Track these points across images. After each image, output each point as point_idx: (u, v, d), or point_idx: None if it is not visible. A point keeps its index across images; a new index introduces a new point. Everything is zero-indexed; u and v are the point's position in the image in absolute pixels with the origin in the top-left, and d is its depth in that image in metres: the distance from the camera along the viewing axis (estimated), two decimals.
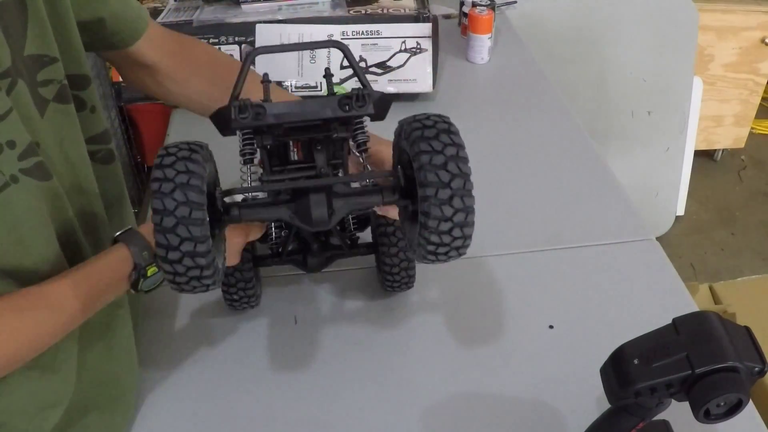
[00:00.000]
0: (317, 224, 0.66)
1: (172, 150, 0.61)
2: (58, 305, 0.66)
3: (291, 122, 0.66)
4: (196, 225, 0.58)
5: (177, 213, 0.58)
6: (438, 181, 0.60)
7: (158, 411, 0.88)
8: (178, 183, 0.58)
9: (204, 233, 0.59)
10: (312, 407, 0.88)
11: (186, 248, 0.59)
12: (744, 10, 2.49)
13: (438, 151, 0.61)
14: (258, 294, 0.98)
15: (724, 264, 2.52)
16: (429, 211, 0.61)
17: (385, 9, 1.46)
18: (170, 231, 0.58)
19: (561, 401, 0.87)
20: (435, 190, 0.60)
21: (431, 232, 0.62)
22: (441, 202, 0.60)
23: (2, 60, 0.63)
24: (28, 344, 0.65)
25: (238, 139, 0.73)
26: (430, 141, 0.61)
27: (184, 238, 0.58)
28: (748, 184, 2.88)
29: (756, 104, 2.73)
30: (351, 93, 0.65)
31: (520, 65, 1.63)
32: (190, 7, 1.48)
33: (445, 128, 0.63)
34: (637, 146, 2.35)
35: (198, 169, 0.60)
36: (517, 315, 0.99)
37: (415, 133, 0.63)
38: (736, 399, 0.61)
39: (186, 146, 0.62)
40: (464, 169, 0.61)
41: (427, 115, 0.65)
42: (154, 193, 0.59)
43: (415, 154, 0.62)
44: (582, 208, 1.20)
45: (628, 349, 0.66)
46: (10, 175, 0.63)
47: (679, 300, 1.02)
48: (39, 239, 0.67)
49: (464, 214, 0.61)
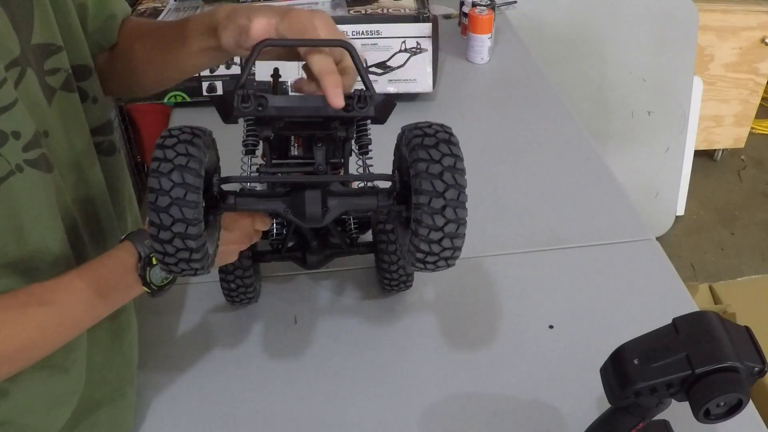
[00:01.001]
0: (310, 220, 0.67)
1: (175, 132, 0.62)
2: (63, 302, 0.66)
3: (292, 116, 0.67)
4: (190, 207, 0.59)
5: (172, 193, 0.58)
6: (432, 190, 0.61)
7: (157, 410, 0.88)
8: (176, 164, 0.59)
9: (197, 216, 0.60)
10: (312, 407, 0.88)
11: (177, 229, 0.59)
12: (744, 10, 2.49)
13: (435, 161, 0.61)
14: (257, 289, 0.98)
15: (724, 264, 2.52)
16: (421, 219, 0.61)
17: (385, 9, 1.46)
18: (163, 210, 0.59)
19: (561, 401, 0.87)
20: (429, 199, 0.61)
21: (421, 240, 0.62)
22: (433, 211, 0.61)
23: (12, 49, 0.63)
24: (32, 343, 0.64)
25: (242, 130, 0.74)
26: (429, 149, 0.62)
27: (176, 219, 0.59)
28: (748, 184, 2.88)
29: (756, 104, 2.73)
30: (353, 93, 0.65)
31: (520, 65, 1.63)
32: (190, 7, 1.48)
33: (446, 138, 0.63)
34: (637, 146, 2.35)
35: (198, 153, 0.60)
36: (517, 315, 1.00)
37: (415, 140, 0.63)
38: (736, 399, 0.61)
39: (189, 130, 0.62)
40: (460, 181, 0.61)
41: (429, 124, 0.65)
42: (152, 172, 0.59)
43: (413, 162, 0.62)
44: (582, 208, 1.20)
45: (628, 349, 0.66)
46: (15, 164, 0.62)
47: (679, 300, 1.02)
48: (42, 231, 0.66)
49: (455, 225, 0.62)
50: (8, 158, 0.62)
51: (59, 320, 0.66)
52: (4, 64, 0.62)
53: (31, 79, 0.66)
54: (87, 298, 0.67)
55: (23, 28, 0.66)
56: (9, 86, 0.61)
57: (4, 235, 0.64)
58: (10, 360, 0.63)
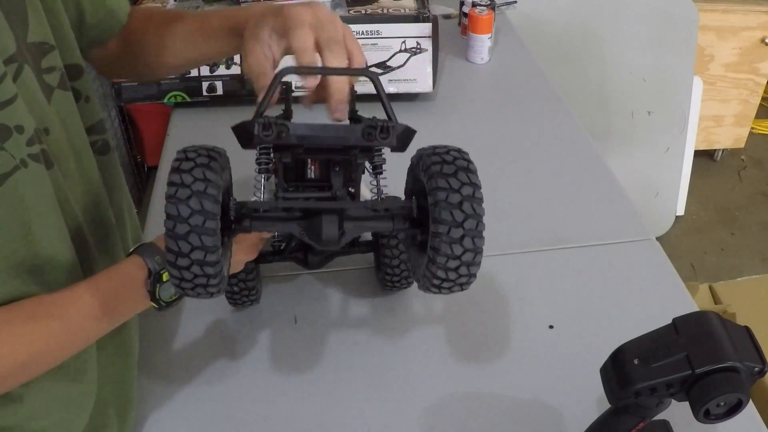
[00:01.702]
0: (326, 244, 0.66)
1: (191, 155, 0.60)
2: (70, 315, 0.66)
3: (313, 145, 0.67)
4: (209, 235, 0.58)
5: (191, 221, 0.58)
6: (452, 219, 0.61)
7: (157, 410, 0.88)
8: (194, 190, 0.58)
9: (215, 243, 0.59)
10: (312, 407, 0.88)
11: (196, 256, 0.58)
12: (744, 10, 2.49)
13: (455, 190, 0.61)
14: (258, 289, 0.98)
15: (724, 264, 2.52)
16: (439, 247, 0.61)
17: (385, 9, 1.46)
18: (182, 238, 0.58)
19: (561, 401, 0.87)
20: (448, 228, 0.61)
21: (439, 267, 0.62)
22: (452, 240, 0.61)
23: (8, 45, 0.63)
24: (40, 355, 0.64)
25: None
26: (448, 178, 0.62)
27: (195, 247, 0.58)
28: (748, 184, 2.88)
29: (756, 104, 2.73)
30: (375, 123, 0.64)
31: (520, 65, 1.63)
32: (190, 7, 1.48)
33: (464, 166, 0.63)
34: (637, 146, 2.35)
35: (215, 177, 0.59)
36: (517, 315, 1.00)
37: (434, 167, 0.63)
38: (736, 399, 0.61)
39: (205, 152, 0.61)
40: (478, 210, 0.62)
41: (447, 149, 0.65)
42: (169, 197, 0.58)
43: (432, 189, 0.62)
44: (582, 208, 1.20)
45: (628, 349, 0.66)
46: (20, 159, 0.62)
47: (679, 300, 1.02)
48: (47, 229, 0.66)
49: (473, 254, 0.62)
50: (12, 153, 0.61)
51: (67, 333, 0.66)
52: (2, 59, 0.61)
53: (29, 76, 0.66)
54: (94, 312, 0.67)
55: (19, 27, 0.66)
56: (8, 81, 0.61)
57: (12, 233, 0.63)
58: (18, 371, 0.63)
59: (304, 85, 0.71)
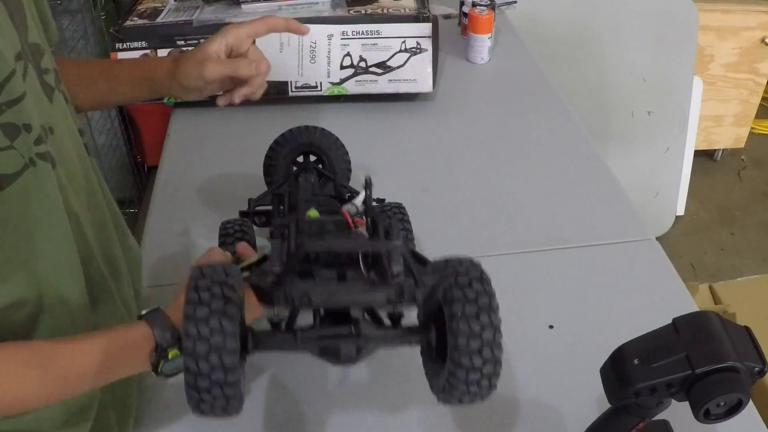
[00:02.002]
0: (344, 362, 0.65)
1: (207, 271, 0.59)
2: (66, 367, 0.65)
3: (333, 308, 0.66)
4: (229, 355, 0.57)
5: (211, 341, 0.56)
6: (470, 331, 0.61)
7: (157, 410, 0.88)
8: (214, 309, 0.57)
9: (235, 362, 0.57)
10: (312, 406, 0.88)
11: (216, 376, 0.57)
12: (744, 10, 2.49)
13: (471, 300, 0.62)
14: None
15: (724, 264, 2.52)
16: (460, 361, 0.61)
17: (385, 9, 1.46)
18: (202, 358, 0.56)
19: (561, 401, 0.87)
20: (466, 340, 0.61)
21: (459, 381, 0.62)
22: (472, 352, 0.61)
23: (15, 44, 0.63)
24: (33, 398, 0.64)
25: None
26: (464, 289, 0.62)
27: (215, 366, 0.56)
28: (748, 184, 2.88)
29: (756, 104, 2.73)
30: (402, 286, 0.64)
31: (520, 65, 1.63)
32: (190, 7, 1.48)
33: (478, 276, 0.64)
34: (637, 146, 2.35)
35: (234, 295, 0.58)
36: (517, 315, 0.99)
37: (449, 279, 0.63)
38: (736, 399, 0.61)
39: (222, 269, 0.60)
40: (495, 321, 0.62)
41: (460, 261, 0.65)
42: (187, 317, 0.56)
43: (448, 302, 0.62)
44: (582, 208, 1.20)
45: (627, 349, 0.66)
46: (29, 158, 0.62)
47: (679, 300, 1.02)
48: (52, 227, 0.66)
49: (493, 365, 0.62)
50: (22, 152, 0.61)
51: (59, 384, 0.65)
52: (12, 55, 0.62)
53: (32, 75, 0.66)
54: (93, 370, 0.66)
55: (20, 27, 0.67)
56: (18, 78, 0.61)
57: (18, 231, 0.63)
58: (5, 410, 0.63)
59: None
